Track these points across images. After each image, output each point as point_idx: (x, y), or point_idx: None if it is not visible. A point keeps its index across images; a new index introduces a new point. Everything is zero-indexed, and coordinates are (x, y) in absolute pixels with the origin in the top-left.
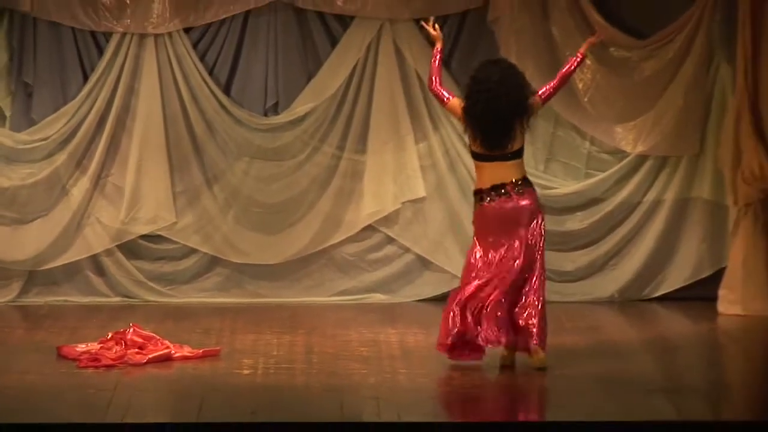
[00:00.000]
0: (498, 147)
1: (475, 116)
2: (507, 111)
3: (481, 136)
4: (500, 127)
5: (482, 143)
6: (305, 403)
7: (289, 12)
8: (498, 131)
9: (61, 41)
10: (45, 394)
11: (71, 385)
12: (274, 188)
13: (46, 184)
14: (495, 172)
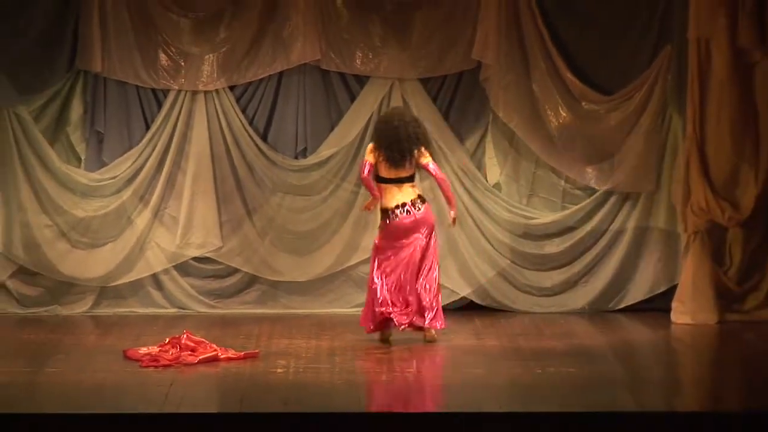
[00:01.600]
0: (399, 167)
1: (383, 143)
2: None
3: (387, 159)
4: (402, 154)
5: (388, 166)
6: (329, 396)
7: (315, 73)
8: (400, 156)
9: (127, 96)
10: (113, 388)
11: (135, 381)
12: (303, 218)
13: (115, 215)
14: (397, 193)
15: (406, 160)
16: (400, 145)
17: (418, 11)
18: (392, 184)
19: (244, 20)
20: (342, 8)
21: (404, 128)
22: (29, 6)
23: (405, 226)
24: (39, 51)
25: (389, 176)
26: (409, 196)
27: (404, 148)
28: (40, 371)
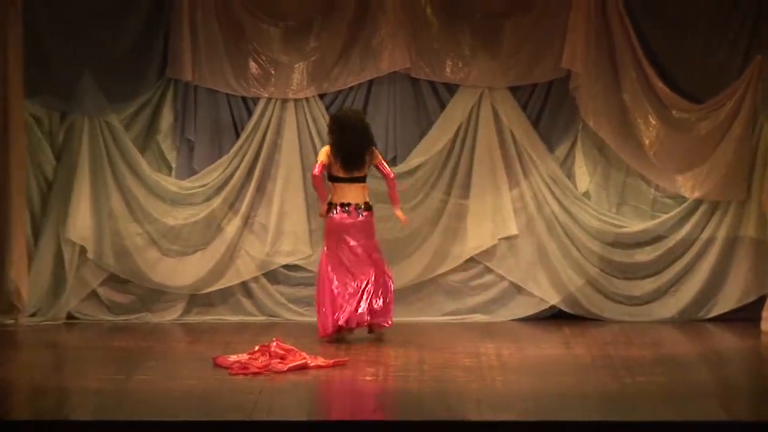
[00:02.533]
0: (354, 169)
1: (340, 143)
2: (359, 141)
3: (343, 159)
4: (361, 158)
5: (343, 166)
6: (418, 404)
7: (405, 81)
8: (359, 160)
9: (217, 104)
10: (203, 396)
11: (225, 388)
12: (392, 226)
13: (205, 223)
14: (348, 192)
15: (364, 164)
16: (361, 150)
17: (507, 20)
18: (345, 183)
19: (333, 29)
20: (432, 17)
21: (365, 133)
22: (121, 16)
23: (343, 225)
24: (130, 60)
25: (343, 176)
26: (357, 199)
27: (364, 152)
28: (130, 378)
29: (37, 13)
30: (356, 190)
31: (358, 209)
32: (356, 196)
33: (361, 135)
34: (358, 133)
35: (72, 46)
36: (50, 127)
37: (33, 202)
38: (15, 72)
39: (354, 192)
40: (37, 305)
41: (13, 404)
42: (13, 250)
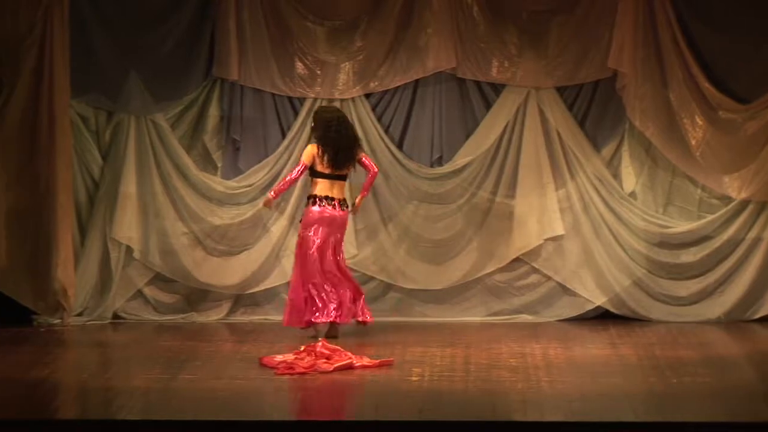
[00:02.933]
0: (342, 167)
1: (330, 141)
2: (348, 140)
3: (332, 158)
4: (350, 158)
5: (331, 163)
6: (464, 404)
7: (451, 81)
8: (347, 160)
9: (263, 104)
10: (249, 396)
11: (271, 388)
12: (438, 227)
13: (251, 222)
14: (329, 187)
15: (354, 161)
16: (350, 151)
17: (553, 20)
18: (329, 179)
19: (379, 29)
20: (478, 17)
21: (352, 132)
22: (168, 16)
23: (325, 218)
24: (176, 59)
25: (329, 173)
26: (340, 195)
27: (354, 153)
28: (176, 378)
29: (84, 12)
30: (340, 186)
31: (341, 204)
32: (339, 192)
33: (353, 132)
34: (351, 131)
35: (119, 45)
36: (97, 127)
37: (80, 201)
38: (62, 71)
39: (338, 188)
40: (83, 305)
41: (60, 403)
42: (60, 250)
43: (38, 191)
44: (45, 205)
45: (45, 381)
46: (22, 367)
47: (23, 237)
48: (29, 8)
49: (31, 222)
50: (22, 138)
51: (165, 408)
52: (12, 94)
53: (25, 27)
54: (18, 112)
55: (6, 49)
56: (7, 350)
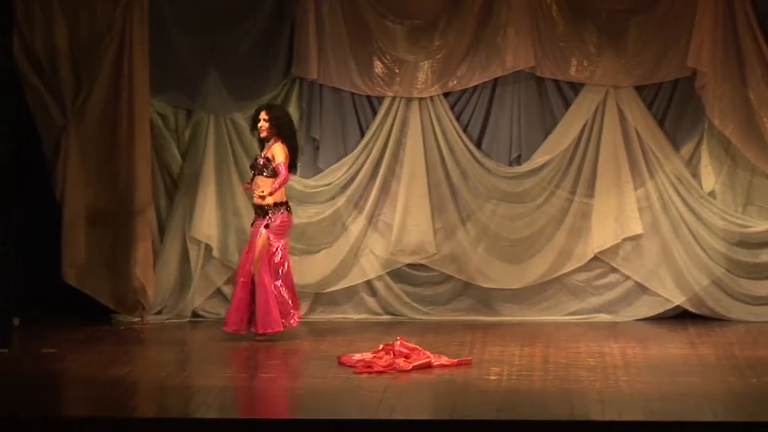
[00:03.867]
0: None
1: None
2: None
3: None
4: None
5: (294, 164)
6: (542, 403)
7: (530, 80)
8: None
9: (342, 103)
10: (327, 394)
11: (349, 387)
12: (517, 225)
13: (329, 221)
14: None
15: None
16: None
17: (633, 18)
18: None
19: (458, 27)
20: (557, 16)
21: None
22: (247, 15)
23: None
24: (255, 58)
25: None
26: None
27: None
28: (254, 377)
29: (163, 10)
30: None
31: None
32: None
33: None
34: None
35: (198, 43)
36: (176, 126)
37: (159, 200)
38: (141, 70)
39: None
40: (162, 303)
41: (138, 401)
42: (139, 249)
43: (117, 190)
44: (124, 204)
45: (124, 379)
46: (101, 366)
47: (102, 236)
48: (108, 6)
49: (111, 221)
50: (102, 136)
51: (243, 407)
52: (91, 92)
53: (104, 25)
54: (97, 110)
55: (85, 47)
56: (86, 349)
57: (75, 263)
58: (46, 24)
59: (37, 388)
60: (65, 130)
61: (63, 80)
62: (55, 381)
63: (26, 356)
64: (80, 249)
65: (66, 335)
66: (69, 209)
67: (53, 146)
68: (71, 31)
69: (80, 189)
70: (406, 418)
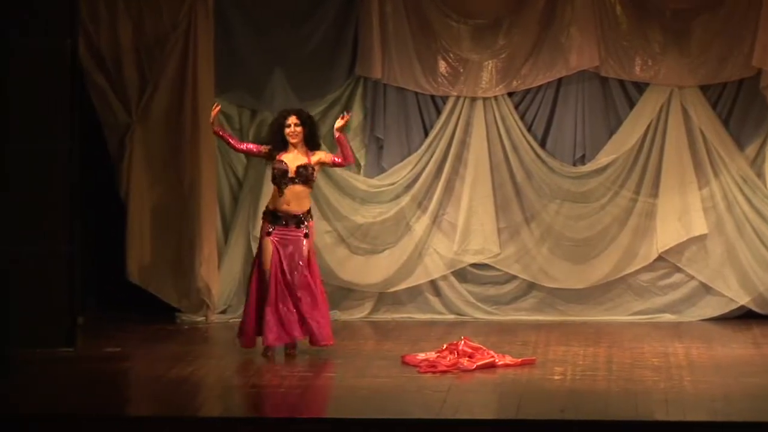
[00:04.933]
0: None
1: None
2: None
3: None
4: None
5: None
6: (606, 403)
7: (594, 79)
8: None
9: (406, 102)
10: (391, 394)
11: (413, 387)
12: (581, 225)
13: (393, 221)
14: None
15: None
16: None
17: (697, 18)
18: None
19: (522, 27)
20: (621, 15)
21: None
22: (310, 14)
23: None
24: (320, 58)
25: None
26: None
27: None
28: (318, 376)
29: (228, 10)
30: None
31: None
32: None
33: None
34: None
35: (262, 43)
36: (240, 125)
37: (223, 200)
38: (206, 70)
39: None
40: (226, 302)
41: (203, 400)
42: (204, 248)
43: (182, 189)
44: (189, 204)
45: (188, 378)
46: (165, 365)
47: (167, 235)
48: (173, 5)
49: (175, 220)
50: (167, 136)
51: (307, 406)
52: (156, 91)
53: (168, 24)
54: (162, 109)
55: (150, 46)
56: (150, 348)
57: (140, 262)
58: (111, 23)
59: (102, 387)
60: (130, 130)
61: (128, 79)
62: (120, 380)
63: (90, 355)
64: (145, 248)
65: (130, 334)
66: (134, 208)
67: (118, 145)
68: (136, 30)
69: (145, 188)
70: (469, 417)
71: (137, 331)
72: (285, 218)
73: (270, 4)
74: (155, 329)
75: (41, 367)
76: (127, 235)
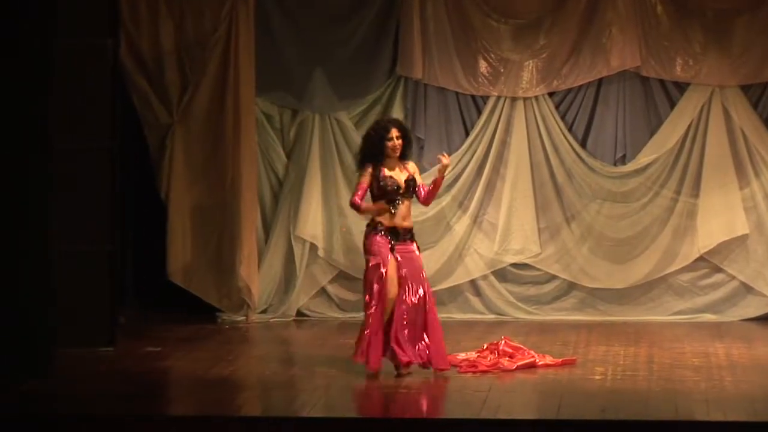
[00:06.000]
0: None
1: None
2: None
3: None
4: None
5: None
6: (646, 403)
7: (635, 79)
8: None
9: (447, 103)
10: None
11: (454, 387)
12: (621, 225)
13: (434, 220)
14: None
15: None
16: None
17: (738, 17)
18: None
19: (563, 26)
20: (662, 15)
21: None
22: (352, 14)
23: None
24: (361, 58)
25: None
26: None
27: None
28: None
29: (269, 10)
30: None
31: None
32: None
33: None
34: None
35: (303, 43)
36: (281, 125)
37: (264, 199)
38: (247, 69)
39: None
40: (267, 302)
41: (244, 400)
42: (244, 248)
43: (223, 189)
44: (229, 203)
45: (228, 378)
46: (206, 364)
47: (208, 235)
48: (214, 6)
49: (216, 220)
50: (207, 136)
51: (347, 405)
52: (197, 91)
53: (210, 25)
54: (203, 110)
55: (191, 47)
56: (191, 347)
57: (181, 262)
58: (152, 24)
59: (142, 387)
60: (171, 130)
61: (169, 80)
62: (160, 379)
63: (131, 355)
64: (186, 248)
65: (171, 334)
66: (174, 208)
67: (159, 146)
68: (177, 31)
69: (186, 188)
70: (510, 417)
71: (177, 330)
72: (402, 234)
73: (311, 4)
74: (195, 329)
75: (82, 366)
76: (167, 235)
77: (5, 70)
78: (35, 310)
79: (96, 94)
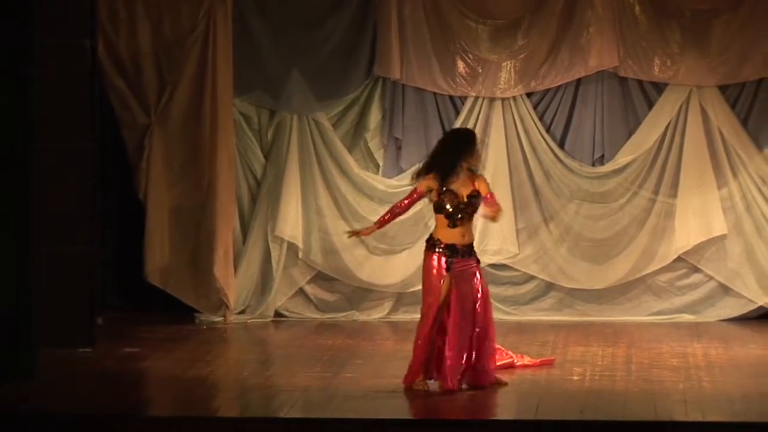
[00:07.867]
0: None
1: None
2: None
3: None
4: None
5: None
6: (625, 404)
7: (613, 80)
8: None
9: (425, 103)
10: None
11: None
12: (600, 226)
13: (412, 221)
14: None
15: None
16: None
17: (716, 18)
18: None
19: (541, 27)
20: (640, 15)
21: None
22: (329, 14)
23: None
24: (338, 59)
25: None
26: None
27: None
28: (337, 376)
29: (247, 11)
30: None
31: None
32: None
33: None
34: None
35: (281, 43)
36: (259, 126)
37: (242, 200)
38: (225, 71)
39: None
40: (245, 303)
41: (221, 401)
42: (220, 248)
43: (201, 190)
44: (207, 204)
45: (206, 379)
46: (183, 365)
47: (186, 235)
48: (192, 7)
49: (194, 220)
50: (185, 137)
51: (325, 406)
52: (175, 93)
53: (187, 25)
54: (181, 110)
55: (169, 48)
56: (169, 348)
57: (158, 263)
58: (130, 24)
59: (121, 387)
60: (149, 131)
61: (146, 81)
62: (138, 380)
63: (109, 355)
64: (164, 249)
65: (150, 334)
66: (152, 209)
67: (137, 146)
68: (155, 31)
69: (164, 189)
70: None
71: (156, 331)
72: (462, 251)
73: (288, 4)
74: (174, 329)
75: (61, 367)
76: (145, 236)
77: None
78: (15, 311)
79: (75, 95)
